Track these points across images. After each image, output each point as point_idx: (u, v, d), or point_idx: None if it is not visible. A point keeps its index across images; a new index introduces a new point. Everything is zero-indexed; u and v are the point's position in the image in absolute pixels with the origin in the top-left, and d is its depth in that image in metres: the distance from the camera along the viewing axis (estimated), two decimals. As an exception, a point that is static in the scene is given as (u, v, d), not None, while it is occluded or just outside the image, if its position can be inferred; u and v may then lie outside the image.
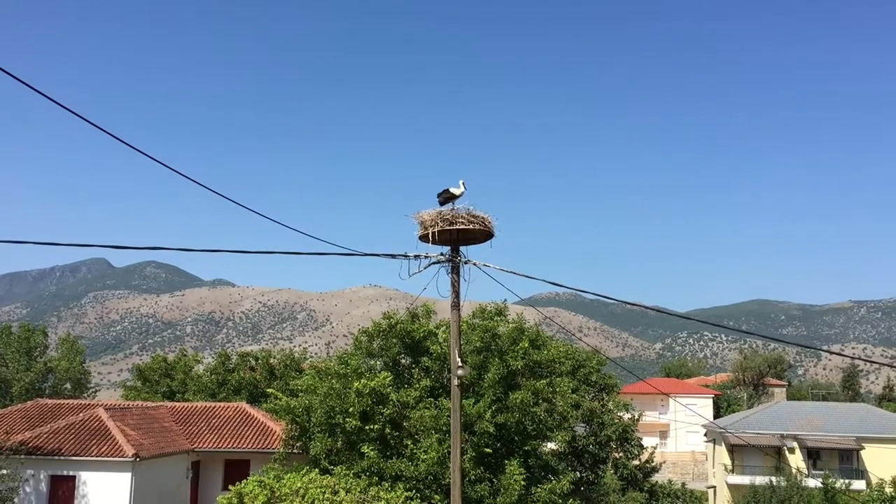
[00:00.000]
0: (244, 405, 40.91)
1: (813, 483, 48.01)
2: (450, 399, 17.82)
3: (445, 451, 21.59)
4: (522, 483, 22.28)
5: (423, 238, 15.75)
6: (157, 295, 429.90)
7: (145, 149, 10.55)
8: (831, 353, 39.60)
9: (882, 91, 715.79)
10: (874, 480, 48.08)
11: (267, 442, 35.31)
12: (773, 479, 48.24)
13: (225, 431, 37.03)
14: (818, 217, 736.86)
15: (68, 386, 60.84)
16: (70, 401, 43.40)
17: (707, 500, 62.50)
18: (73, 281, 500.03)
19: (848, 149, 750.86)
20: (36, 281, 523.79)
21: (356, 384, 23.68)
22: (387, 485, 22.56)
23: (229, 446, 35.81)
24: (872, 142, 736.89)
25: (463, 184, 16.07)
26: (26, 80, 8.81)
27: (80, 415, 34.31)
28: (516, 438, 24.64)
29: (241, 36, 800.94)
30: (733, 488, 54.15)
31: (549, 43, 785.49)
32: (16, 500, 30.06)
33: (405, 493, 22.23)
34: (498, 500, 22.18)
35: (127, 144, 10.46)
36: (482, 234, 16.01)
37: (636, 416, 44.77)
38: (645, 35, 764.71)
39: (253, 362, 56.11)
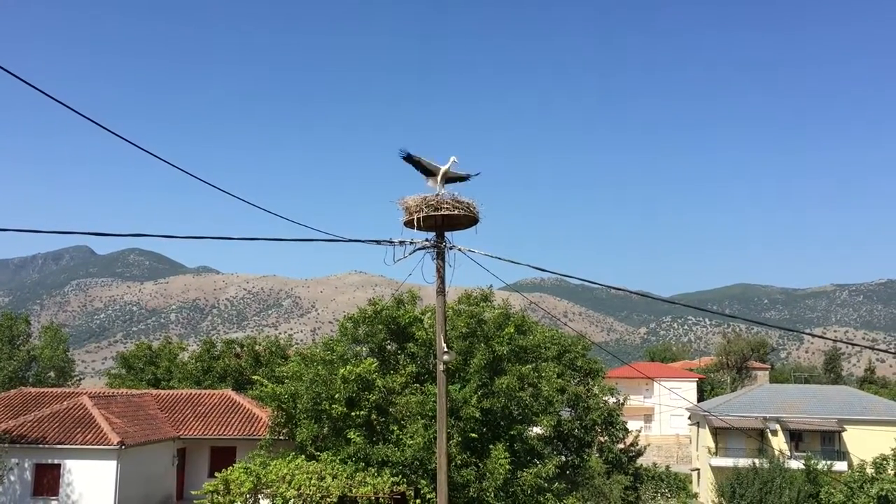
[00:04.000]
0: (230, 392, 40.86)
1: (795, 464, 48.53)
2: (435, 385, 17.86)
3: (431, 436, 21.67)
4: (508, 467, 22.41)
5: (408, 224, 15.71)
6: (140, 282, 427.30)
7: (126, 134, 10.46)
8: (813, 336, 40.10)
9: (865, 79, 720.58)
10: (855, 461, 48.66)
11: (253, 429, 35.31)
12: (756, 461, 48.73)
13: (211, 418, 37.00)
14: (801, 202, 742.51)
15: (52, 374, 60.54)
16: (54, 389, 43.21)
17: (691, 482, 63.06)
18: (55, 269, 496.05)
19: (831, 135, 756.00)
20: (18, 269, 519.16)
21: (342, 370, 23.70)
22: (373, 470, 22.64)
23: (215, 433, 35.78)
24: (854, 128, 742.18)
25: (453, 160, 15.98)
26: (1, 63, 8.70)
27: (65, 403, 34.18)
28: (502, 423, 24.77)
29: (219, 19, 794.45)
30: (717, 470, 54.64)
31: (537, 30, 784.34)
32: (0, 489, 29.96)
33: (391, 479, 22.31)
34: (484, 484, 22.30)
35: (109, 131, 10.37)
36: (467, 220, 15.98)
37: (621, 400, 45.05)
38: (634, 24, 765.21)
39: (238, 349, 55.96)
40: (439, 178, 15.71)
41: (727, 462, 53.99)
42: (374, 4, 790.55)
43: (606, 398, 43.08)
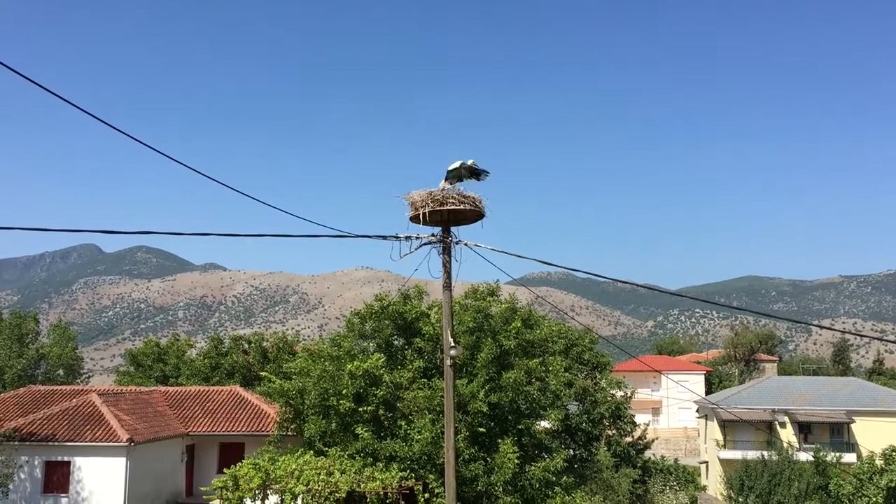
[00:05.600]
0: (238, 388, 40.94)
1: (804, 457, 48.46)
2: (443, 379, 17.85)
3: (439, 431, 21.66)
4: (516, 461, 22.39)
5: (414, 219, 15.68)
6: (148, 280, 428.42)
7: (131, 131, 10.46)
8: (822, 327, 40.02)
9: (869, 71, 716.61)
10: (864, 453, 48.52)
11: (261, 425, 35.37)
12: (765, 453, 48.63)
13: (219, 415, 37.07)
14: (809, 193, 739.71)
15: (61, 372, 60.75)
16: (63, 387, 43.33)
17: (699, 475, 62.98)
18: (63, 267, 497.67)
19: (839, 125, 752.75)
20: (26, 267, 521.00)
21: (349, 366, 23.71)
22: (381, 465, 22.66)
23: (224, 430, 35.85)
24: (863, 118, 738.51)
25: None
26: (6, 62, 8.71)
27: (74, 400, 34.28)
28: (510, 417, 24.75)
29: (231, 17, 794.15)
30: (725, 463, 54.56)
31: (543, 21, 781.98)
32: (11, 486, 30.07)
33: (400, 474, 22.33)
34: (492, 478, 22.30)
35: (116, 129, 10.37)
36: (473, 214, 15.94)
37: (628, 394, 44.98)
38: (635, 21, 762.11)
39: (246, 346, 56.09)
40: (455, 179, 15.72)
41: (736, 455, 53.89)
42: (379, 1, 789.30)
43: (614, 392, 43.01)
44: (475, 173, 15.78)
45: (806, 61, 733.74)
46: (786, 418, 55.60)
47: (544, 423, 29.78)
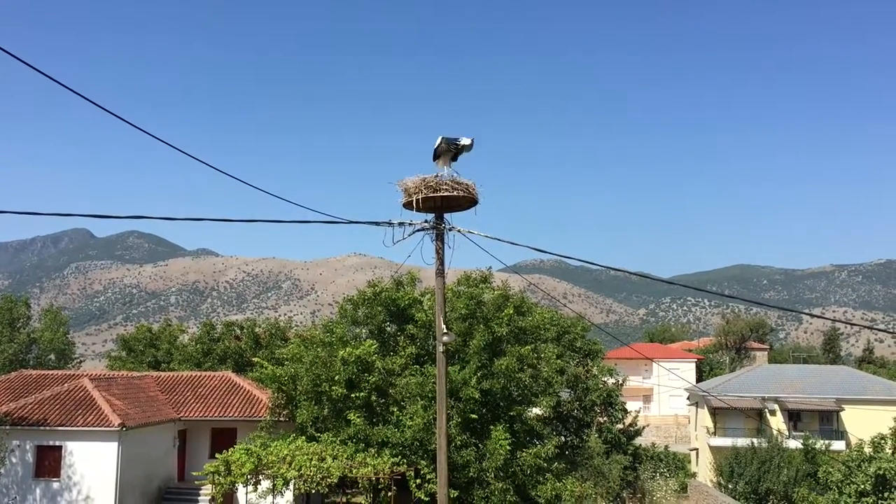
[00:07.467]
0: (230, 374, 40.92)
1: (794, 444, 48.74)
2: (435, 366, 17.88)
3: (431, 417, 21.75)
4: (508, 448, 22.50)
5: (407, 205, 15.64)
6: (140, 265, 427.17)
7: (124, 115, 10.40)
8: (812, 316, 40.22)
9: (866, 55, 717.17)
10: (853, 441, 48.83)
11: (253, 410, 35.37)
12: (755, 440, 48.92)
13: (211, 400, 37.07)
14: (800, 181, 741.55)
15: (52, 357, 60.62)
16: (54, 371, 43.26)
17: (690, 462, 63.33)
18: (54, 251, 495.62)
19: (830, 113, 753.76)
20: (17, 252, 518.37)
21: (342, 352, 23.76)
22: (373, 451, 22.74)
23: (216, 415, 35.85)
24: (855, 106, 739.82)
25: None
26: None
27: (65, 385, 34.22)
28: (502, 404, 24.84)
29: (221, 2, 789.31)
30: (715, 450, 54.88)
31: (538, 8, 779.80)
32: (2, 471, 30.05)
33: (391, 459, 22.42)
34: (484, 464, 22.40)
35: (109, 112, 10.31)
36: (466, 201, 15.91)
37: (620, 381, 45.07)
38: (631, 10, 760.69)
39: (238, 331, 56.02)
40: (450, 157, 15.62)
41: (726, 442, 54.20)
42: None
43: (606, 379, 43.09)
44: (455, 150, 15.57)
45: (799, 49, 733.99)
46: (776, 406, 55.92)
47: (536, 410, 29.89)
